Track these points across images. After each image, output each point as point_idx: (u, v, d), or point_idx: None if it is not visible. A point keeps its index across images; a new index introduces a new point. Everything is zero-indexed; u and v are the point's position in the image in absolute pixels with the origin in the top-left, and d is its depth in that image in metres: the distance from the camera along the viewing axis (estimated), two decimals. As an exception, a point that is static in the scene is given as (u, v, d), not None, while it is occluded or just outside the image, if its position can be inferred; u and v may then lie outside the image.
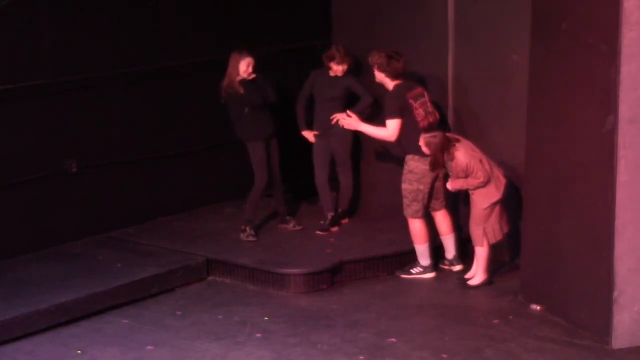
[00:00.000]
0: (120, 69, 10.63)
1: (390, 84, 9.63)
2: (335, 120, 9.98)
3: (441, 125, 9.84)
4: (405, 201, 9.65)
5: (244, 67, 10.19)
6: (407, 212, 9.68)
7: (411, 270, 9.83)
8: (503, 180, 9.28)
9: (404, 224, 9.86)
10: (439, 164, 9.26)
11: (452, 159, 9.23)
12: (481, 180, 9.17)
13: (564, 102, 8.45)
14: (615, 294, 8.02)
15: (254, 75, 10.22)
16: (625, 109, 7.83)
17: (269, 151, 10.41)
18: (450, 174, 9.37)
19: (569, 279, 8.51)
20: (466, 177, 9.22)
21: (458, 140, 9.30)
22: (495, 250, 9.61)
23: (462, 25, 10.07)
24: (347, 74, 10.48)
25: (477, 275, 9.47)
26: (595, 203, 8.13)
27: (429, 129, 9.49)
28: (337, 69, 10.40)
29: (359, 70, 10.73)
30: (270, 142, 10.41)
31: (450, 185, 9.39)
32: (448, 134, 9.39)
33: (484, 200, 9.23)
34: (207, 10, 11.36)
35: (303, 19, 11.72)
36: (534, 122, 8.90)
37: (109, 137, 10.65)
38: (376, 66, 9.62)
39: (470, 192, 9.31)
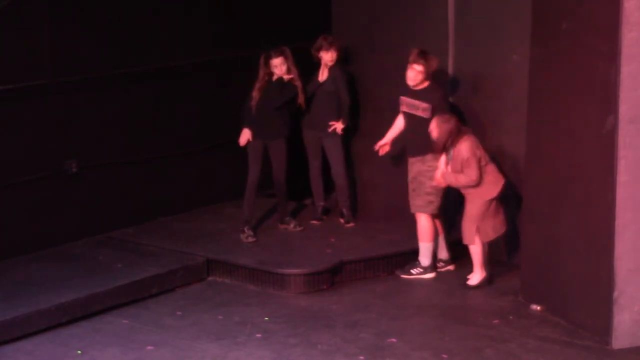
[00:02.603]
0: (120, 69, 10.63)
1: (424, 83, 9.63)
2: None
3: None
4: (430, 197, 9.63)
5: (276, 71, 10.23)
6: (430, 208, 9.65)
7: (411, 270, 9.83)
8: (502, 180, 9.27)
9: (403, 223, 9.87)
10: (440, 147, 9.22)
11: (455, 147, 9.20)
12: (473, 179, 9.15)
13: (564, 102, 8.45)
14: (615, 294, 8.02)
15: (291, 75, 10.24)
16: (625, 109, 7.83)
17: (268, 151, 10.42)
18: (449, 163, 9.33)
19: (569, 279, 8.51)
20: (461, 171, 9.19)
21: (467, 132, 9.28)
22: (493, 249, 9.63)
23: (462, 25, 10.07)
24: (336, 66, 10.53)
25: (474, 274, 9.45)
26: (595, 203, 8.13)
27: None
28: (326, 57, 10.44)
29: (358, 68, 10.76)
30: (272, 142, 10.40)
31: (441, 178, 9.35)
32: (461, 125, 9.37)
33: (479, 198, 9.20)
34: (207, 10, 11.36)
35: (303, 19, 11.72)
36: (534, 122, 8.90)
37: (109, 137, 10.65)
38: (428, 69, 9.57)
39: (463, 190, 9.30)
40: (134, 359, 8.21)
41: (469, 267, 9.60)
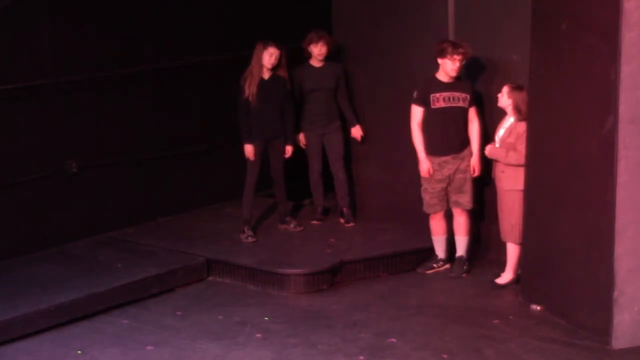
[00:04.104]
0: (121, 69, 10.64)
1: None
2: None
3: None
4: (472, 192, 9.69)
5: (267, 57, 10.20)
6: (472, 204, 9.72)
7: (433, 265, 9.90)
8: None
9: (403, 223, 9.85)
10: (519, 114, 9.13)
11: (518, 119, 9.14)
12: (524, 156, 9.04)
13: (564, 102, 8.45)
14: (615, 294, 8.02)
15: (286, 74, 10.26)
16: (625, 109, 7.83)
17: (267, 151, 10.42)
18: (500, 136, 9.28)
19: (569, 279, 8.51)
20: (512, 148, 9.14)
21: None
22: (493, 249, 9.64)
23: (462, 25, 10.07)
24: (335, 64, 10.60)
25: (506, 273, 9.40)
26: (595, 203, 8.12)
27: None
28: (315, 50, 10.46)
29: (358, 68, 10.77)
30: (273, 141, 10.40)
31: (488, 151, 9.33)
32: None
33: (516, 182, 9.14)
34: (208, 11, 11.36)
35: (303, 19, 11.71)
36: (534, 122, 8.90)
37: (109, 137, 10.65)
38: (462, 51, 9.56)
39: (499, 174, 9.22)
40: (134, 359, 8.21)
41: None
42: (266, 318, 8.95)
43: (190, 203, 11.41)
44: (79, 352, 8.33)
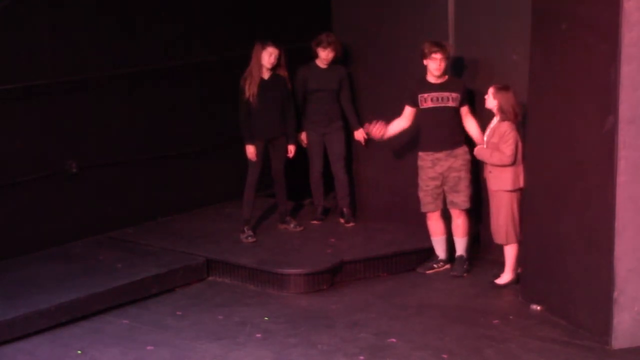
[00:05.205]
0: (121, 69, 10.64)
1: (445, 76, 9.71)
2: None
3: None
4: (468, 192, 9.68)
5: (266, 57, 10.19)
6: (469, 203, 9.73)
7: (433, 265, 9.89)
8: (523, 177, 9.23)
9: (403, 224, 9.82)
10: (508, 115, 9.15)
11: (502, 119, 9.17)
12: (508, 155, 9.06)
13: (564, 102, 8.45)
14: (615, 294, 8.02)
15: (287, 73, 10.26)
16: (625, 109, 7.83)
17: (268, 151, 10.42)
18: (486, 136, 9.30)
19: (569, 279, 8.51)
20: (496, 148, 9.13)
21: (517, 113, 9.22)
22: (492, 249, 9.64)
23: (462, 25, 10.07)
24: (341, 66, 10.59)
25: (505, 274, 9.41)
26: (595, 203, 8.13)
27: None
28: (322, 54, 10.47)
29: (358, 68, 10.77)
30: (274, 140, 10.41)
31: (476, 151, 9.34)
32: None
33: (502, 183, 9.17)
34: (207, 11, 11.36)
35: (303, 19, 11.72)
36: (534, 122, 8.91)
37: (109, 137, 10.65)
38: (447, 55, 9.61)
39: (487, 175, 9.22)
40: (134, 359, 8.21)
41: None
42: (266, 318, 8.95)
43: (190, 203, 11.41)
44: (79, 352, 8.33)
